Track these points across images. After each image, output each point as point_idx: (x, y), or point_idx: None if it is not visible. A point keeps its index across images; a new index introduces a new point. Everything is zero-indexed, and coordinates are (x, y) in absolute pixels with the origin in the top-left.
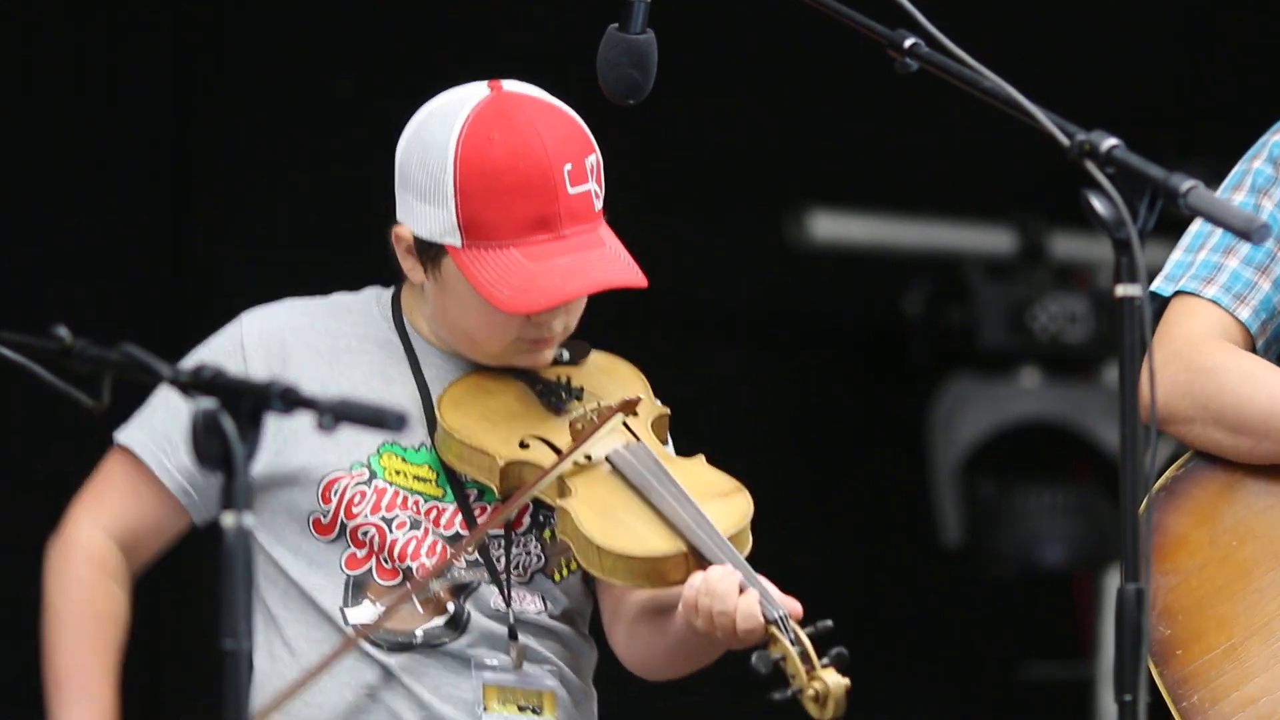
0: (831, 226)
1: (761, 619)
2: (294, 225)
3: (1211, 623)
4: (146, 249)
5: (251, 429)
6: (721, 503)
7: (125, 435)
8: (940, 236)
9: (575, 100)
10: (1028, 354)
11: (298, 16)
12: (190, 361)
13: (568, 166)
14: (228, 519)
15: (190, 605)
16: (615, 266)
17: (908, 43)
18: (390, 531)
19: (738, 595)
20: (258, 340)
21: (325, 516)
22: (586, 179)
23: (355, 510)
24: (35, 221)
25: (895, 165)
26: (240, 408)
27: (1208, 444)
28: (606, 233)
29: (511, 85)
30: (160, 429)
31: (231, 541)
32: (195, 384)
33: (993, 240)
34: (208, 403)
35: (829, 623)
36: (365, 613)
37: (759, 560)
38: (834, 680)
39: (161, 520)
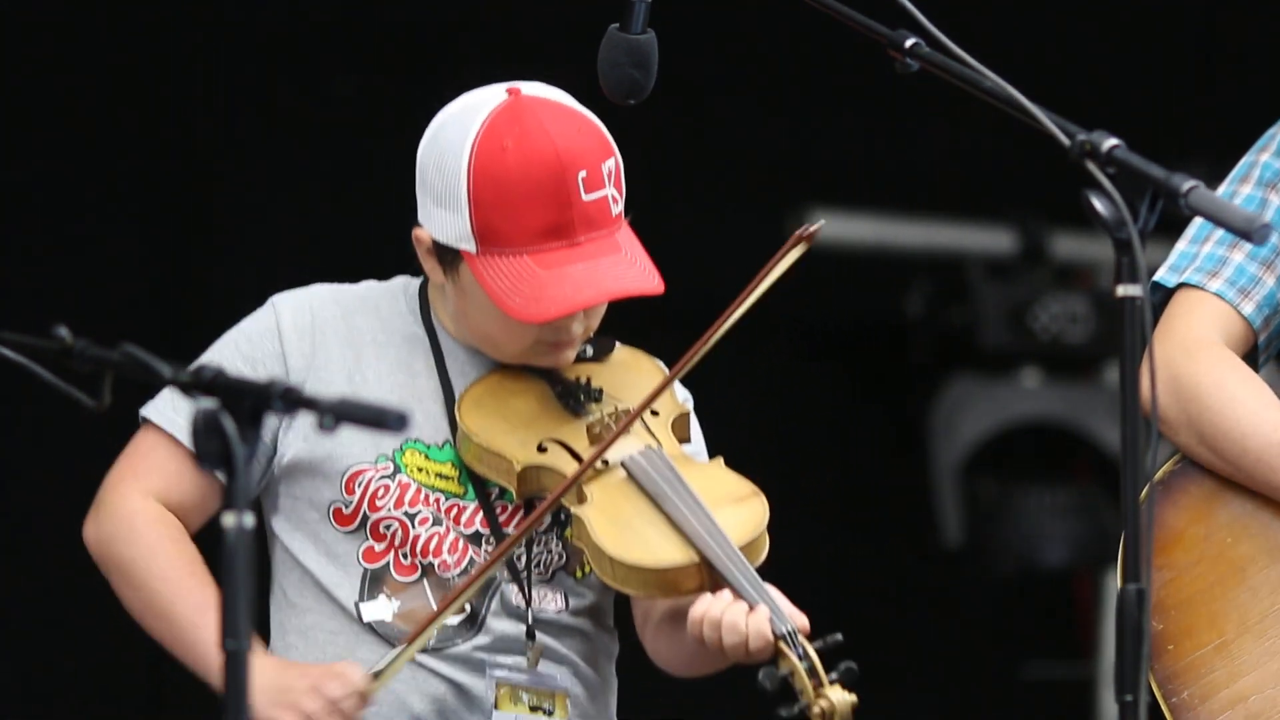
0: (831, 226)
1: (771, 636)
2: (295, 225)
3: (1204, 619)
4: (147, 249)
5: (252, 429)
6: (736, 509)
7: (159, 415)
8: (940, 236)
9: (576, 100)
10: (1028, 354)
11: (298, 17)
12: (223, 344)
13: (582, 173)
14: (228, 519)
15: None
16: (629, 274)
17: (908, 43)
18: (413, 527)
19: (746, 619)
20: (292, 325)
21: (348, 507)
22: (603, 184)
23: (379, 504)
24: (36, 222)
25: (895, 165)
26: (241, 408)
27: (1192, 454)
28: (626, 237)
29: (530, 89)
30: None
31: (231, 541)
32: (196, 384)
33: (993, 240)
34: (208, 403)
35: (838, 636)
36: (380, 608)
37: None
38: (839, 698)
39: (205, 498)
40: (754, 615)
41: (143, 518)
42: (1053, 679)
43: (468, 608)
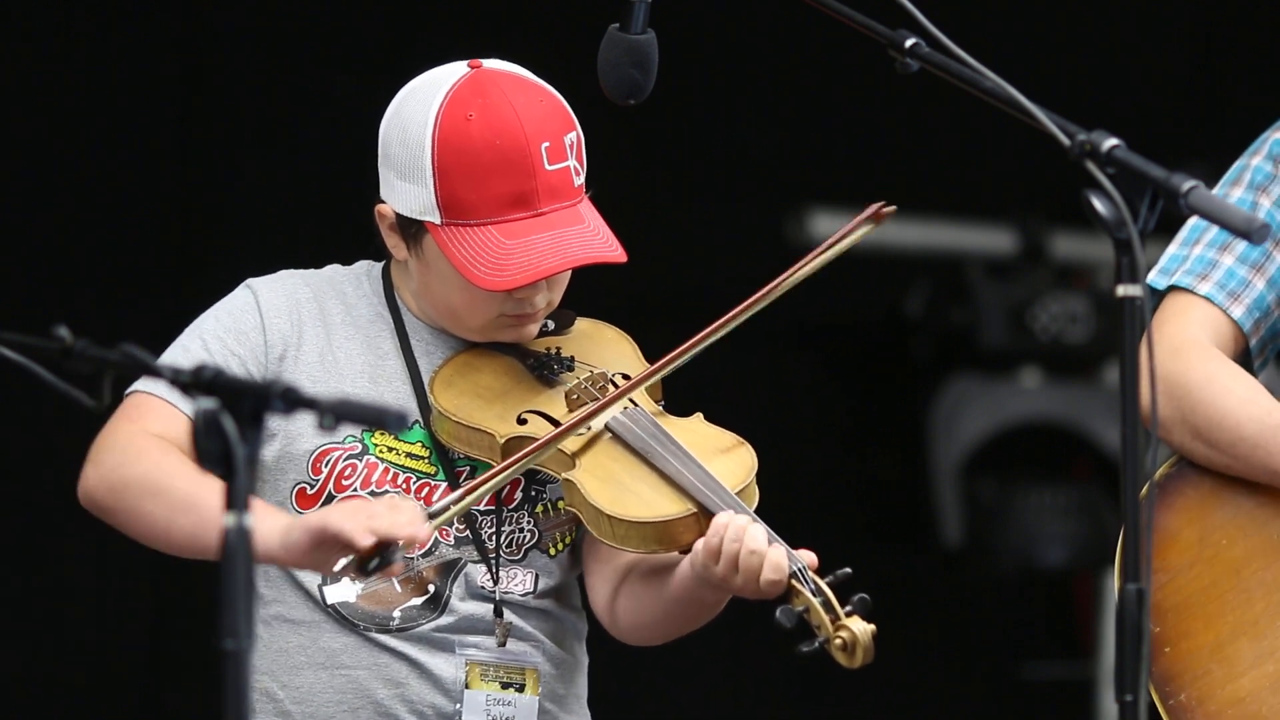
0: (831, 226)
1: (787, 566)
2: (294, 225)
3: (1199, 621)
4: (148, 248)
5: (252, 429)
6: (726, 459)
7: (149, 387)
8: (940, 236)
9: (577, 102)
10: (1028, 354)
11: (298, 17)
12: (203, 320)
13: (545, 144)
14: (228, 519)
15: (190, 605)
16: (593, 243)
17: (908, 43)
18: None
19: (767, 543)
20: (270, 305)
21: (312, 487)
22: (565, 156)
23: (345, 483)
24: (36, 222)
25: (895, 165)
26: (241, 408)
27: (1188, 453)
28: (587, 209)
29: (492, 64)
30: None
31: (232, 541)
32: (196, 384)
33: (993, 240)
34: (208, 403)
35: (848, 570)
36: (343, 590)
37: None
38: (860, 628)
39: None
40: (772, 547)
41: (143, 438)
42: (1053, 679)
43: (431, 589)
